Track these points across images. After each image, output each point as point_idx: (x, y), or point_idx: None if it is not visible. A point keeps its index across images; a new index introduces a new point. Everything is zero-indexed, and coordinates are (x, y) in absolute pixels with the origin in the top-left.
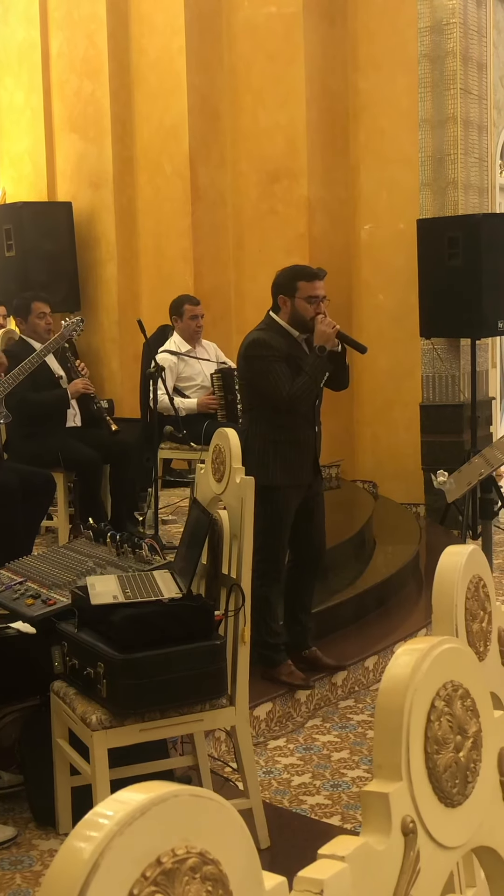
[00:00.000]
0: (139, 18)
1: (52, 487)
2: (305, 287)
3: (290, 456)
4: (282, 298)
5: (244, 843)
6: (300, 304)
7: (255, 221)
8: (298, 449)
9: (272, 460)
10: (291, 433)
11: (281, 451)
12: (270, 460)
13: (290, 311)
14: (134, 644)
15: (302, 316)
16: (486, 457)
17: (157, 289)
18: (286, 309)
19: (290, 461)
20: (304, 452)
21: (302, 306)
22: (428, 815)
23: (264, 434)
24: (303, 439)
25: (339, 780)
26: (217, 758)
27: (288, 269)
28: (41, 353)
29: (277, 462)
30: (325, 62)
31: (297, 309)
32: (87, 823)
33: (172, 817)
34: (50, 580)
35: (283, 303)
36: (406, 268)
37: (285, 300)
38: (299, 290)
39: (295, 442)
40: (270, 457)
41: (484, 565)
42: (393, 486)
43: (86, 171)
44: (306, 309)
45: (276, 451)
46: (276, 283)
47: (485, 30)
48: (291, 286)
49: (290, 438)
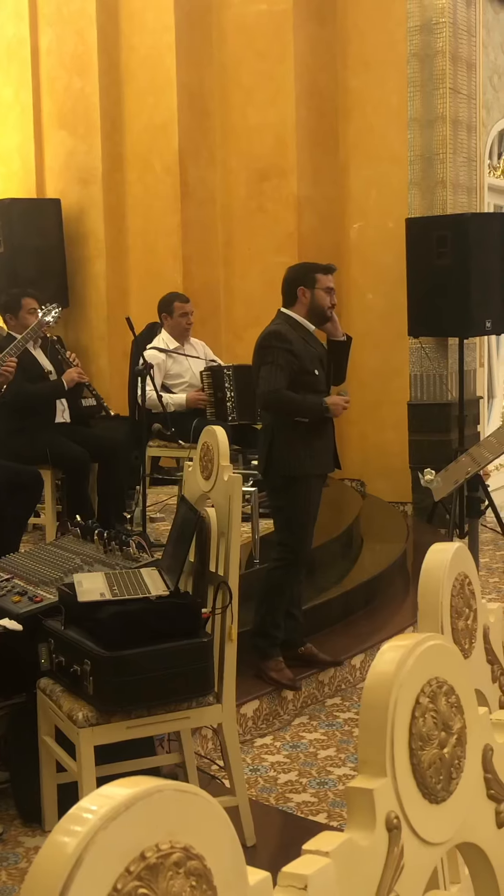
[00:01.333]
0: (129, 15)
1: (40, 484)
2: (323, 279)
3: (315, 443)
4: (301, 290)
5: (228, 838)
6: (319, 294)
7: (245, 219)
8: (321, 436)
9: (300, 448)
10: (313, 422)
11: (307, 439)
12: (298, 449)
13: (308, 303)
14: (121, 641)
15: (321, 306)
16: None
17: (146, 286)
18: (304, 300)
19: (315, 448)
20: (325, 440)
21: (320, 296)
22: (412, 811)
23: (290, 423)
24: (324, 427)
25: (326, 777)
26: (204, 755)
27: (301, 265)
28: (20, 343)
29: (305, 450)
30: (314, 60)
31: (315, 299)
32: (71, 818)
33: (157, 812)
34: (37, 577)
35: (302, 293)
36: (395, 267)
37: (305, 291)
38: (318, 282)
39: (317, 430)
40: (299, 445)
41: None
42: (380, 484)
43: (75, 167)
44: (324, 299)
45: (302, 439)
46: (292, 277)
47: (474, 29)
48: (311, 278)
49: (312, 427)
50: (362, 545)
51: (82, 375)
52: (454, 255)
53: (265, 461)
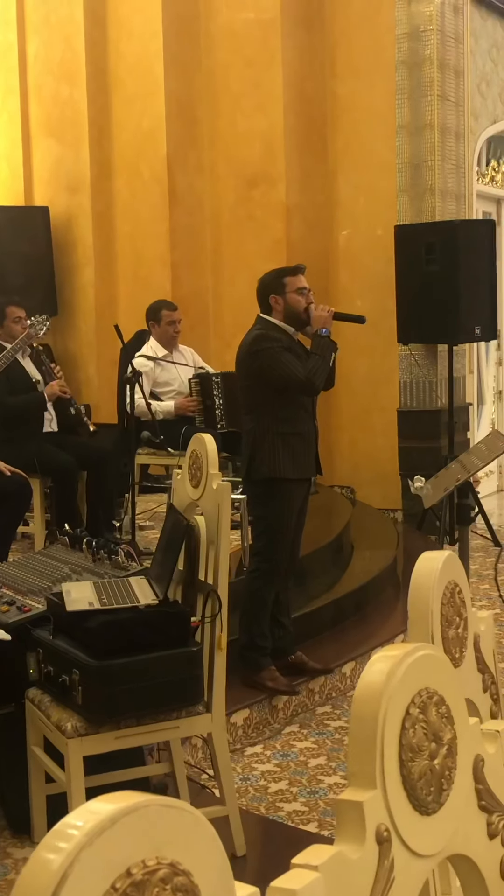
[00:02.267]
0: (117, 22)
1: (28, 493)
2: (293, 281)
3: (298, 448)
4: (273, 298)
5: (216, 853)
6: (292, 298)
7: (233, 226)
8: (303, 441)
9: (282, 453)
10: (296, 426)
11: (289, 443)
12: (280, 453)
13: (283, 309)
14: (109, 651)
15: (295, 309)
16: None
17: (135, 293)
18: (279, 308)
19: (297, 453)
20: (308, 445)
21: (293, 300)
22: (402, 824)
23: (271, 428)
24: (306, 432)
25: (316, 786)
26: (193, 765)
27: (270, 272)
28: (8, 354)
29: (287, 454)
30: (302, 68)
31: (289, 304)
32: (56, 834)
33: (143, 828)
34: (25, 586)
35: (274, 302)
36: (383, 273)
37: (276, 299)
38: (288, 286)
39: (300, 434)
40: (280, 450)
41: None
42: (370, 491)
43: (63, 175)
44: (298, 302)
45: (284, 444)
46: (262, 286)
47: (462, 37)
48: (279, 284)
49: (295, 431)
50: (352, 552)
51: (64, 389)
52: (443, 262)
53: (247, 465)
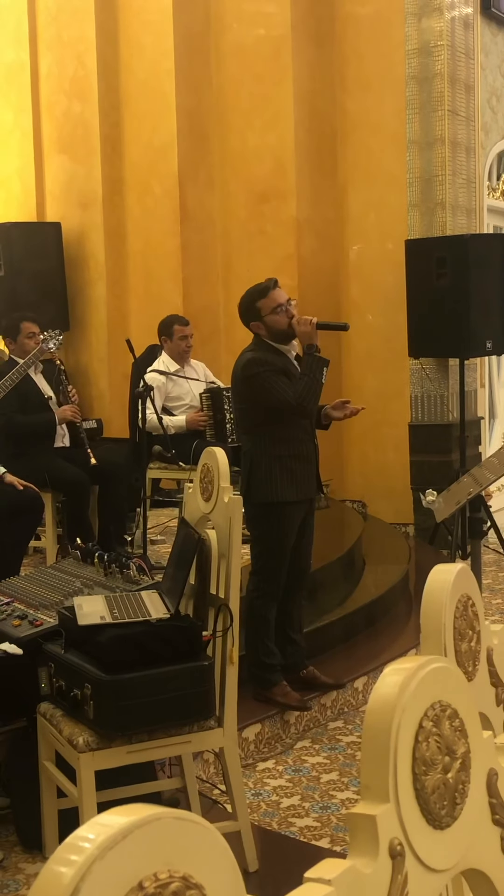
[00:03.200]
0: (128, 40)
1: (40, 507)
2: (265, 303)
3: (296, 470)
4: (254, 324)
5: (228, 867)
6: (270, 319)
7: (244, 242)
8: (302, 463)
9: (279, 476)
10: (294, 447)
11: (287, 466)
12: (277, 476)
13: (266, 332)
14: (121, 665)
15: (278, 329)
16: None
17: (146, 308)
18: (263, 332)
19: (296, 475)
20: (307, 466)
21: (273, 321)
22: (416, 838)
23: (269, 451)
24: (305, 453)
25: (329, 802)
26: (205, 780)
27: (243, 298)
28: (21, 369)
29: (284, 477)
30: (313, 84)
31: (270, 325)
32: (68, 847)
33: (155, 841)
34: (37, 600)
35: (257, 328)
36: (394, 288)
37: (258, 325)
38: (262, 309)
39: (298, 456)
40: (277, 472)
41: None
42: (382, 505)
43: (75, 191)
44: (278, 321)
45: (282, 466)
46: (240, 315)
47: (472, 52)
48: (253, 310)
49: (293, 453)
50: (364, 567)
51: (76, 415)
52: (454, 277)
53: (245, 487)
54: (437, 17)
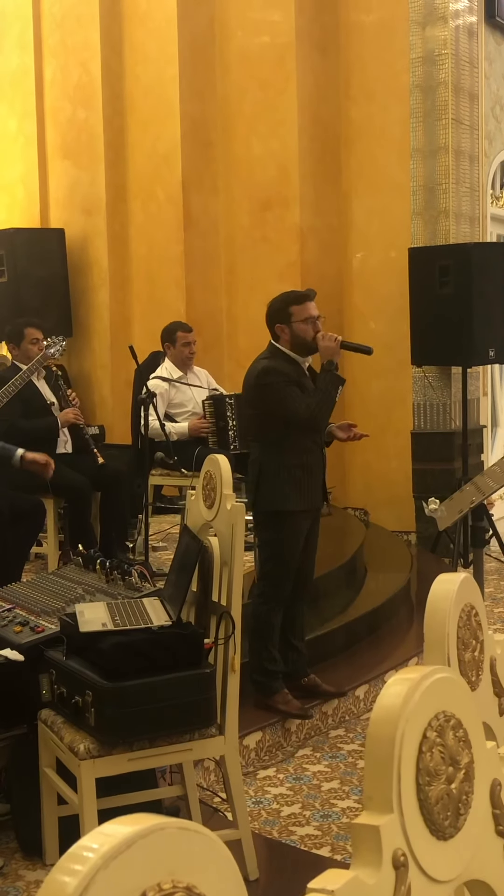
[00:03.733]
0: (132, 46)
1: (42, 513)
2: (299, 311)
3: (303, 479)
4: (279, 327)
5: (232, 877)
6: (298, 327)
7: (247, 249)
8: (309, 473)
9: (287, 484)
10: (302, 457)
11: (294, 475)
12: (285, 485)
13: (289, 338)
14: (122, 672)
15: (303, 339)
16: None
17: (149, 315)
18: (285, 336)
19: (303, 484)
20: (314, 476)
21: (300, 329)
22: (419, 848)
23: (277, 459)
24: (313, 463)
25: (330, 810)
26: (206, 787)
27: (277, 299)
28: (24, 375)
29: (291, 486)
30: (317, 91)
31: (296, 333)
32: (71, 856)
33: (159, 851)
34: (39, 607)
35: (281, 331)
36: (397, 296)
37: (283, 328)
38: (294, 315)
39: (306, 466)
40: (284, 481)
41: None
42: (384, 513)
43: (78, 197)
44: (305, 331)
45: (289, 476)
46: (269, 314)
47: (476, 61)
48: (285, 313)
49: (301, 462)
50: (366, 575)
51: (78, 417)
52: (457, 285)
53: (253, 495)
54: (442, 26)
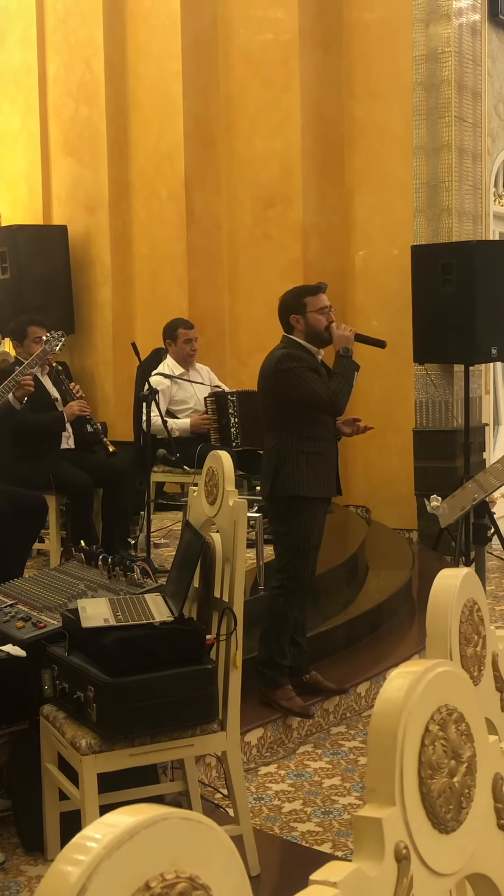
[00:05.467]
0: (136, 44)
1: (44, 510)
2: (313, 301)
3: (320, 467)
4: (294, 318)
5: (235, 868)
6: (312, 317)
7: (250, 246)
8: (326, 460)
9: (306, 471)
10: (319, 445)
11: (312, 462)
12: (304, 471)
13: (304, 329)
14: (124, 668)
15: (316, 329)
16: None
17: (152, 312)
18: (300, 327)
19: (320, 472)
20: (330, 465)
21: (314, 319)
22: (421, 842)
23: (295, 446)
24: (329, 451)
25: (331, 806)
26: (207, 783)
27: (290, 291)
28: (25, 369)
29: (311, 472)
30: (320, 89)
31: (310, 323)
32: (74, 846)
33: (162, 841)
34: (41, 603)
35: (296, 322)
36: (400, 294)
37: (297, 318)
38: (308, 306)
39: (323, 454)
40: (304, 468)
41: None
42: (386, 511)
43: (81, 194)
44: (319, 321)
45: (308, 462)
46: (283, 306)
47: (479, 59)
48: (300, 304)
49: (318, 450)
50: (367, 572)
51: (84, 409)
52: (459, 283)
53: (270, 483)
54: (445, 24)
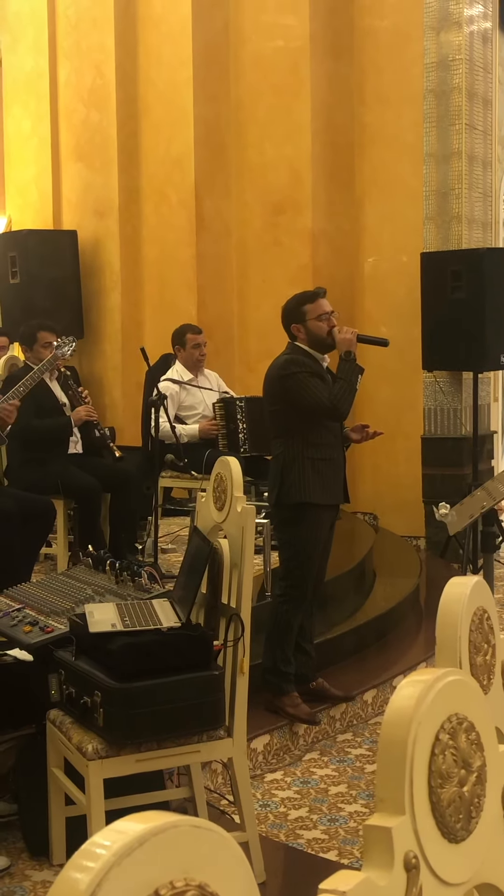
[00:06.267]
0: (147, 50)
1: (52, 514)
2: (312, 308)
3: (327, 474)
4: (295, 327)
5: (244, 876)
6: (313, 324)
7: (259, 252)
8: (332, 467)
9: (312, 478)
10: (325, 451)
11: (319, 469)
12: (311, 478)
13: (306, 336)
14: (132, 673)
15: (318, 335)
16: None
17: (161, 317)
18: (302, 336)
19: (327, 479)
20: (336, 471)
21: (315, 326)
22: (431, 851)
23: (301, 453)
24: (335, 458)
25: (337, 814)
26: (213, 790)
27: (290, 300)
28: (35, 375)
29: (317, 479)
30: (330, 96)
31: (311, 331)
32: (84, 853)
33: (171, 848)
34: (48, 607)
35: (297, 331)
36: (409, 301)
37: (298, 327)
38: (308, 313)
39: (329, 461)
40: (310, 474)
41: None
42: (393, 518)
43: (91, 199)
44: (320, 328)
45: (314, 469)
46: (284, 316)
47: (490, 66)
48: (299, 312)
49: (324, 456)
50: (375, 579)
51: (91, 414)
52: (469, 290)
53: (277, 490)
54: (456, 32)
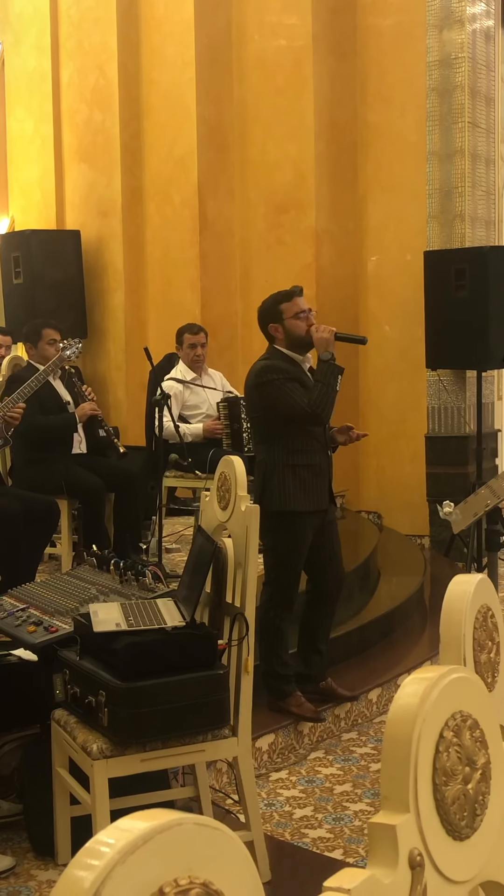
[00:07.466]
0: (150, 50)
1: (56, 514)
2: (289, 307)
3: (309, 480)
4: (272, 327)
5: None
6: (290, 323)
7: (263, 252)
8: (315, 473)
9: (291, 485)
10: (308, 457)
11: (299, 476)
12: (290, 485)
13: (284, 336)
14: (136, 672)
15: (296, 334)
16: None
17: (164, 317)
18: (280, 336)
19: (308, 486)
20: (320, 477)
21: (293, 325)
22: (435, 849)
23: (282, 460)
24: (318, 464)
25: (342, 813)
26: (218, 789)
27: (266, 300)
28: (40, 376)
29: (297, 487)
30: (333, 95)
31: (289, 330)
32: (88, 851)
33: (176, 846)
34: (52, 607)
35: (274, 331)
36: (413, 299)
37: (276, 327)
38: (285, 312)
39: (312, 466)
40: (290, 482)
41: (492, 595)
42: (398, 517)
43: (94, 200)
44: (298, 326)
45: (294, 476)
46: (260, 317)
47: (493, 64)
48: (275, 311)
49: (307, 463)
50: (379, 578)
51: (95, 410)
52: (472, 288)
53: (259, 497)
54: (459, 30)
